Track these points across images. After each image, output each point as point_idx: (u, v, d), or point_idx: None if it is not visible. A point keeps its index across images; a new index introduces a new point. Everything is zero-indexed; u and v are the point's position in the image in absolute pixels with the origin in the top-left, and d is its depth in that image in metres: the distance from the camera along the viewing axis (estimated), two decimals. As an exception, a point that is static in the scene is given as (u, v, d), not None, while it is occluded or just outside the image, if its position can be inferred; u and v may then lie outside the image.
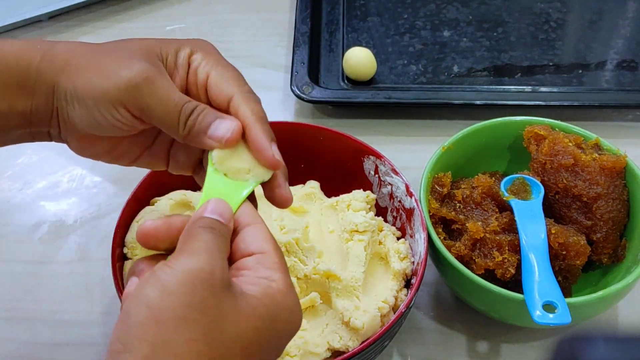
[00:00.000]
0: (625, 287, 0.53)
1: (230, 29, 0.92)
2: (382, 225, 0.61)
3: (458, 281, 0.57)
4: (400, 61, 0.84)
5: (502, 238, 0.56)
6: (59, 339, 0.61)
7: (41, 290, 0.64)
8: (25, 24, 0.90)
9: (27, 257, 0.67)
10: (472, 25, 0.89)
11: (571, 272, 0.57)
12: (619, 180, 0.59)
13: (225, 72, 0.43)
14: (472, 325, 0.61)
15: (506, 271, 0.55)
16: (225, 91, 0.43)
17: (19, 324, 0.62)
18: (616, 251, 0.59)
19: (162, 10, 0.94)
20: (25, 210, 0.71)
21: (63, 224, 0.70)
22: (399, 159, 0.62)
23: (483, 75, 0.83)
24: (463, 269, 0.54)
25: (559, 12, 0.91)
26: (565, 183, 0.59)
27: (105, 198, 0.72)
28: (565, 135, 0.61)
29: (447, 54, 0.85)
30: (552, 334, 0.61)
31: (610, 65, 0.84)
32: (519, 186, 0.60)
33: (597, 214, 0.58)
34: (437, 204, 0.60)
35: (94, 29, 0.91)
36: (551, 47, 0.86)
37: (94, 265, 0.66)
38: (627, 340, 0.30)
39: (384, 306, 0.54)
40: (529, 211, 0.57)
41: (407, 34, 0.88)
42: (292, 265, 0.55)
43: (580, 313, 0.55)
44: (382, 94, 0.79)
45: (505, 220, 0.58)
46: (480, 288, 0.54)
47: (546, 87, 0.81)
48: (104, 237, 0.67)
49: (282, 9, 0.94)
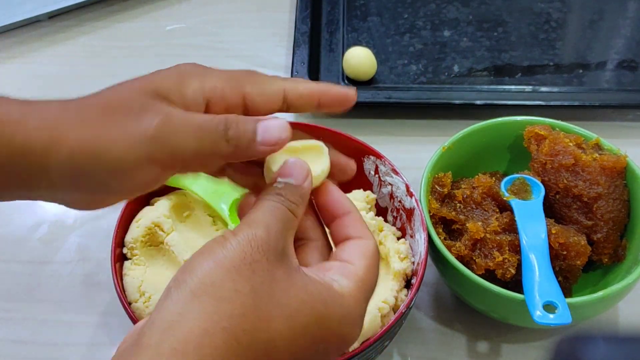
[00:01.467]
0: (626, 287, 0.53)
1: (230, 28, 0.92)
2: (382, 225, 0.61)
3: (458, 281, 0.57)
4: (401, 61, 0.84)
5: (503, 238, 0.56)
6: (59, 339, 0.61)
7: (41, 290, 0.64)
8: (25, 24, 0.90)
9: (27, 257, 0.67)
10: (473, 25, 0.89)
11: (571, 272, 0.57)
12: (619, 180, 0.59)
13: (250, 77, 0.40)
14: (472, 325, 0.61)
15: (506, 271, 0.55)
16: (272, 89, 0.40)
17: (19, 324, 0.62)
18: (616, 251, 0.59)
19: (162, 10, 0.94)
20: (25, 210, 0.71)
21: (63, 224, 0.70)
22: (399, 159, 0.62)
23: (483, 75, 0.83)
24: (463, 269, 0.54)
25: (559, 12, 0.91)
26: (566, 183, 0.59)
27: (105, 198, 0.72)
28: (566, 135, 0.61)
29: (447, 53, 0.85)
30: (552, 334, 0.60)
31: (611, 65, 0.84)
32: (519, 186, 0.60)
33: (597, 214, 0.58)
34: (437, 204, 0.60)
35: (94, 29, 0.91)
36: (551, 47, 0.86)
37: (94, 265, 0.66)
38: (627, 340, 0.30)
39: (384, 306, 0.54)
40: (530, 211, 0.57)
41: (408, 33, 0.88)
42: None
43: (580, 313, 0.55)
44: (382, 94, 0.79)
45: (505, 220, 0.58)
46: (481, 288, 0.54)
47: (546, 87, 0.81)
48: (103, 237, 0.67)
49: (282, 9, 0.94)
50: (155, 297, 0.53)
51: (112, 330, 0.61)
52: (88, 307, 0.63)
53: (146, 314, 0.53)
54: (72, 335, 0.61)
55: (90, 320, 0.62)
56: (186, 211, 0.60)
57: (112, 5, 0.94)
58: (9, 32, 0.89)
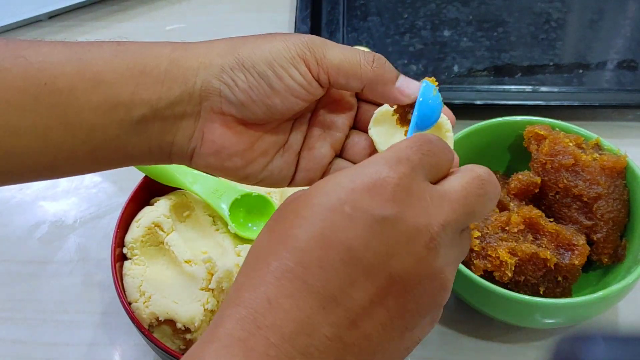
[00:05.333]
0: (626, 287, 0.53)
1: (230, 28, 0.92)
2: (382, 225, 0.60)
3: (458, 282, 0.56)
4: (401, 61, 0.84)
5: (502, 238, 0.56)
6: (59, 339, 0.61)
7: (41, 290, 0.64)
8: (25, 24, 0.90)
9: (27, 257, 0.67)
10: (473, 25, 0.89)
11: (571, 272, 0.57)
12: (619, 180, 0.59)
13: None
14: (472, 325, 0.61)
15: (503, 274, 0.55)
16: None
17: (19, 324, 0.62)
18: (616, 251, 0.59)
19: (162, 10, 0.94)
20: (25, 210, 0.71)
21: (63, 224, 0.70)
22: (399, 159, 0.62)
23: (483, 75, 0.83)
24: (463, 268, 0.54)
25: (560, 11, 0.91)
26: (566, 183, 0.59)
27: (105, 198, 0.72)
28: (566, 135, 0.61)
29: (447, 53, 0.85)
30: (552, 334, 0.60)
31: (611, 65, 0.84)
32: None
33: (597, 214, 0.58)
34: (437, 204, 0.60)
35: (94, 29, 0.91)
36: (551, 47, 0.86)
37: (94, 265, 0.66)
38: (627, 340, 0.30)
39: (384, 306, 0.54)
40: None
41: (408, 33, 0.88)
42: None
43: (580, 313, 0.55)
44: (382, 94, 0.79)
45: (504, 219, 0.58)
46: (481, 288, 0.54)
47: (546, 86, 0.81)
48: (103, 237, 0.67)
49: (282, 9, 0.93)
50: (155, 297, 0.53)
51: (112, 330, 0.61)
52: (88, 307, 0.63)
53: (146, 314, 0.53)
54: (72, 335, 0.61)
55: (90, 320, 0.62)
56: (186, 211, 0.60)
57: (112, 5, 0.94)
58: (9, 32, 0.89)
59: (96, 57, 0.38)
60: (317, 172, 0.43)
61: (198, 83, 0.39)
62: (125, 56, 0.39)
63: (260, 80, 0.39)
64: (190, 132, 0.40)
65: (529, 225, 0.58)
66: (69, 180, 0.73)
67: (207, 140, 0.41)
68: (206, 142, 0.41)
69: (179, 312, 0.52)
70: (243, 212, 0.59)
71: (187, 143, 0.41)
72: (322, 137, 0.43)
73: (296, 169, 0.43)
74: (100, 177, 0.74)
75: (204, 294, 0.53)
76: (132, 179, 0.60)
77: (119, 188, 0.72)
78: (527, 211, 0.58)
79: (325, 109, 0.43)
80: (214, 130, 0.40)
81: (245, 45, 0.40)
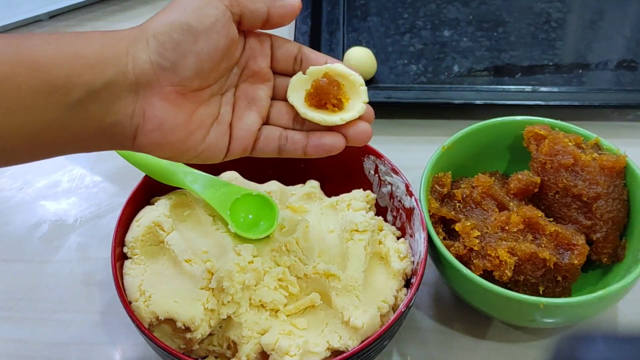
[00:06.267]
0: (625, 287, 0.53)
1: (231, 28, 0.92)
2: (382, 224, 0.61)
3: (458, 281, 0.57)
4: (401, 61, 0.84)
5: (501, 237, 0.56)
6: (59, 339, 0.61)
7: (41, 290, 0.64)
8: (25, 24, 0.90)
9: (27, 256, 0.67)
10: (473, 25, 0.89)
11: (570, 271, 0.57)
12: (618, 180, 0.59)
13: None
14: (472, 325, 0.61)
15: (503, 274, 0.55)
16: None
17: (19, 324, 0.62)
18: (616, 251, 0.59)
19: (162, 9, 0.94)
20: (26, 209, 0.71)
21: (63, 223, 0.70)
22: (399, 159, 0.62)
23: (483, 75, 0.83)
24: (463, 268, 0.54)
25: (559, 12, 0.91)
26: (565, 183, 0.59)
27: (105, 197, 0.72)
28: (565, 135, 0.61)
29: (447, 53, 0.85)
30: (552, 334, 0.61)
31: (610, 65, 0.84)
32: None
33: (597, 214, 0.58)
34: (437, 203, 0.60)
35: (94, 29, 0.91)
36: (551, 47, 0.86)
37: (94, 265, 0.66)
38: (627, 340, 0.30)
39: (384, 305, 0.54)
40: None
41: (408, 33, 0.88)
42: (292, 265, 0.55)
43: (580, 313, 0.55)
44: (382, 94, 0.79)
45: (504, 219, 0.58)
46: (480, 288, 0.54)
47: (546, 86, 0.81)
48: (104, 236, 0.67)
49: (282, 9, 0.93)
50: (156, 296, 0.54)
51: (112, 329, 0.61)
52: (88, 307, 0.63)
53: (146, 313, 0.53)
54: (72, 335, 0.61)
55: (90, 319, 0.62)
56: (186, 210, 0.60)
57: (112, 5, 0.94)
58: (9, 32, 0.89)
59: (33, 45, 0.41)
60: (249, 139, 0.47)
61: (130, 61, 0.42)
62: (60, 43, 0.42)
63: (183, 30, 0.43)
64: (130, 111, 0.43)
65: (529, 225, 0.58)
66: (69, 179, 0.73)
67: (149, 116, 0.43)
68: (148, 118, 0.43)
69: (179, 311, 0.52)
70: (243, 212, 0.59)
71: (129, 122, 0.43)
72: (249, 107, 0.47)
73: (230, 139, 0.47)
74: (100, 177, 0.74)
75: (204, 293, 0.53)
76: (132, 178, 0.60)
77: (120, 187, 0.72)
78: (527, 211, 0.58)
79: (246, 82, 0.48)
80: (153, 105, 0.43)
81: (165, 11, 0.44)
